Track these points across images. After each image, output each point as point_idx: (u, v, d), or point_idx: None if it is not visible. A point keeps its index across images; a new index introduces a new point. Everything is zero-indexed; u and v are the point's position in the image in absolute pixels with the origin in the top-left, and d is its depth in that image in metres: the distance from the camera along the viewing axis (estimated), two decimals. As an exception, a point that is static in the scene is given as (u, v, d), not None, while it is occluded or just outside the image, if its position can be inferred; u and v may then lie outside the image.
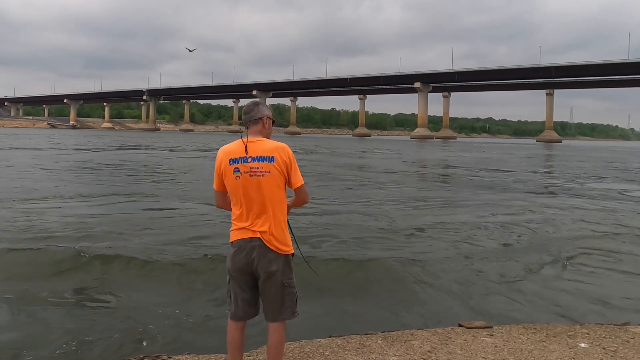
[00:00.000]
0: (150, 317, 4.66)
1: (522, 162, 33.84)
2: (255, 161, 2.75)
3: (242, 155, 2.77)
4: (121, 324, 4.50)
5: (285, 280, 2.82)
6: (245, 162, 2.76)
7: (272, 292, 2.81)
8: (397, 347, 3.63)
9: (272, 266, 2.78)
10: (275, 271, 2.79)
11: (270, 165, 2.76)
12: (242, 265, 2.80)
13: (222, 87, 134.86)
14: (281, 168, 2.78)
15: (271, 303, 2.83)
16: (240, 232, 2.81)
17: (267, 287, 2.82)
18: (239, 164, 2.76)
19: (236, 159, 2.77)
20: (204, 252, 6.76)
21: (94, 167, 21.41)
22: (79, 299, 5.15)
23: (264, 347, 3.59)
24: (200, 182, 15.68)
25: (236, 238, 2.82)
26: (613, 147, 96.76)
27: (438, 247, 7.66)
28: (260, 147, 2.78)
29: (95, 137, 62.49)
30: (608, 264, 6.98)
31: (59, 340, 4.14)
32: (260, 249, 2.77)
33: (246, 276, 2.84)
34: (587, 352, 3.64)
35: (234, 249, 2.82)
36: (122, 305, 5.01)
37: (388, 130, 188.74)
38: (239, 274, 2.84)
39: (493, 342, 3.78)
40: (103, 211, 10.13)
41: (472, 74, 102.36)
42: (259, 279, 2.82)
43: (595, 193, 15.58)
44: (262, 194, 2.76)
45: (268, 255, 2.77)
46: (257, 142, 2.80)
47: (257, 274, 2.81)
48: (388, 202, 12.30)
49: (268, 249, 2.77)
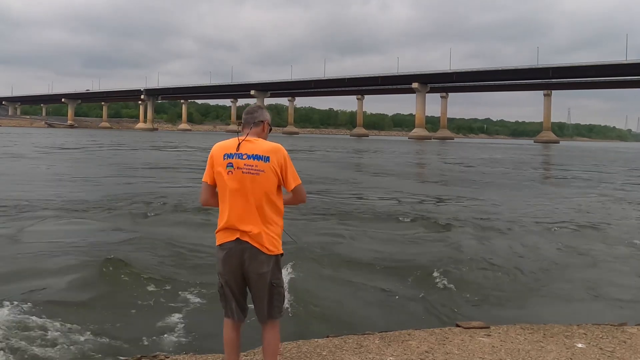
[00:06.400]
0: (150, 317, 4.66)
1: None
2: (250, 159, 2.76)
3: (237, 152, 2.77)
4: (120, 323, 4.50)
5: (274, 280, 2.84)
6: (240, 158, 2.76)
7: (262, 292, 2.84)
8: (394, 347, 3.63)
9: (263, 268, 2.79)
10: (266, 272, 2.80)
11: (265, 165, 2.76)
12: (234, 268, 2.80)
13: (220, 87, 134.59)
14: (275, 169, 2.78)
15: (261, 303, 2.86)
16: (228, 233, 2.79)
17: (257, 288, 2.84)
18: (233, 159, 2.77)
19: (231, 154, 2.78)
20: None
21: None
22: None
23: (261, 348, 3.59)
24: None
25: (225, 240, 2.80)
26: (614, 148, 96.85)
27: (438, 247, 7.67)
28: (256, 146, 2.80)
29: (109, 137, 62.38)
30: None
31: (59, 340, 4.13)
32: (251, 250, 2.77)
33: (238, 278, 2.84)
34: (584, 352, 3.65)
35: (223, 251, 2.81)
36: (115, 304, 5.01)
37: (386, 130, 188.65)
38: (231, 277, 2.83)
39: (490, 342, 3.79)
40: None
41: (470, 74, 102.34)
42: (248, 280, 2.84)
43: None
44: (253, 192, 2.75)
45: (259, 257, 2.78)
46: (254, 141, 2.83)
47: (247, 275, 2.82)
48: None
49: (259, 251, 2.77)
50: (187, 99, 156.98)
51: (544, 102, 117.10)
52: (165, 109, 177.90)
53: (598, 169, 29.16)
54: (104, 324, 4.47)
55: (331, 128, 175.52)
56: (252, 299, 2.91)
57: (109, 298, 5.18)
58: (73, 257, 6.45)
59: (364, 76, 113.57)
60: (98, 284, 5.60)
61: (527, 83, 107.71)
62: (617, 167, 31.70)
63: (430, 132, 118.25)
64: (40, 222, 8.80)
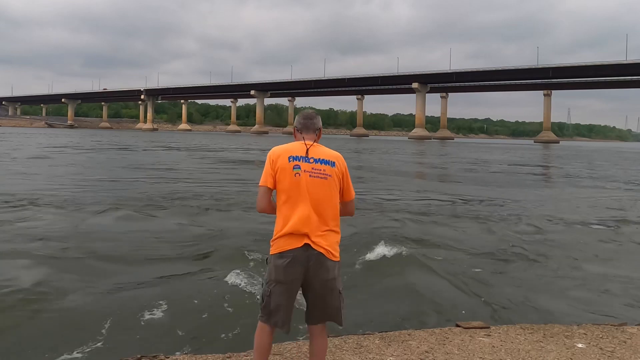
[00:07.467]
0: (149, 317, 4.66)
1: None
2: (318, 163, 2.72)
3: (304, 155, 2.72)
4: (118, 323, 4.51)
5: (340, 287, 2.78)
6: (308, 161, 2.71)
7: (326, 299, 2.74)
8: (394, 347, 3.63)
9: (329, 274, 2.70)
10: (332, 279, 2.71)
11: (332, 170, 2.73)
12: (297, 276, 2.68)
13: (220, 87, 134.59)
14: (339, 175, 2.75)
15: (324, 310, 2.76)
16: (293, 239, 2.66)
17: (320, 296, 2.72)
18: (300, 161, 2.70)
19: (297, 157, 2.71)
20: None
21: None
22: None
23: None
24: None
25: (289, 247, 2.66)
26: (617, 147, 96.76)
27: (435, 248, 7.66)
28: (321, 151, 2.77)
29: (112, 137, 62.36)
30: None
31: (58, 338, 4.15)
32: (318, 257, 2.67)
33: (296, 286, 2.72)
34: (584, 352, 3.65)
35: (285, 259, 2.66)
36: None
37: (386, 130, 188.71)
38: (291, 285, 2.70)
39: (490, 342, 3.79)
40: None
41: (470, 74, 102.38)
42: (309, 287, 2.72)
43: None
44: (320, 197, 2.68)
45: (325, 263, 2.68)
46: (317, 146, 2.79)
47: (309, 283, 2.71)
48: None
49: (325, 257, 2.68)
50: (187, 99, 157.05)
51: (544, 102, 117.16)
52: (165, 109, 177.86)
53: (617, 167, 29.21)
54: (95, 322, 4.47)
55: (331, 128, 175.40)
56: (309, 305, 2.78)
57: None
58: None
59: (364, 76, 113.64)
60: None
61: (527, 83, 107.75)
62: (633, 165, 31.77)
63: (430, 132, 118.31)
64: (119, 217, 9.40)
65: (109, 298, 5.13)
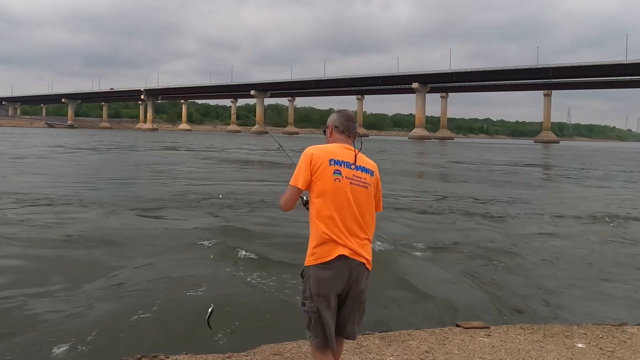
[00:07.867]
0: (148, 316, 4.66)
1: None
2: (359, 170, 2.61)
3: (348, 161, 2.60)
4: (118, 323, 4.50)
5: (365, 297, 2.67)
6: (349, 167, 2.59)
7: (355, 308, 2.63)
8: (394, 347, 3.62)
9: (363, 284, 2.60)
10: (365, 289, 2.63)
11: (372, 179, 2.65)
12: (341, 288, 2.54)
13: (220, 87, 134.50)
14: (375, 185, 2.68)
15: (353, 320, 2.64)
16: (335, 248, 2.51)
17: (353, 306, 2.61)
18: (342, 167, 2.57)
19: (339, 161, 2.58)
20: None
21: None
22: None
23: (262, 347, 3.59)
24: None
25: (332, 257, 2.51)
26: (617, 147, 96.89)
27: (435, 248, 7.66)
28: (363, 159, 2.67)
29: (114, 137, 62.31)
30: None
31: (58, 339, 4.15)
32: (359, 268, 2.55)
33: (335, 298, 2.57)
34: (584, 352, 3.65)
35: (329, 270, 2.50)
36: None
37: (386, 130, 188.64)
38: (334, 298, 2.55)
39: (490, 342, 3.79)
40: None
41: (470, 74, 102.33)
42: (347, 298, 2.59)
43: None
44: (361, 205, 2.58)
45: (363, 273, 2.58)
46: (359, 153, 2.67)
47: (347, 293, 2.57)
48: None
49: (364, 267, 2.57)
50: (187, 99, 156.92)
51: (544, 102, 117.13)
52: (165, 109, 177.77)
53: (622, 167, 29.23)
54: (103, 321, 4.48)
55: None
56: (342, 317, 2.61)
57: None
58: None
59: (364, 76, 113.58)
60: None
61: (527, 83, 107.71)
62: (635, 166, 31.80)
63: (430, 132, 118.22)
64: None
65: (109, 298, 5.13)
